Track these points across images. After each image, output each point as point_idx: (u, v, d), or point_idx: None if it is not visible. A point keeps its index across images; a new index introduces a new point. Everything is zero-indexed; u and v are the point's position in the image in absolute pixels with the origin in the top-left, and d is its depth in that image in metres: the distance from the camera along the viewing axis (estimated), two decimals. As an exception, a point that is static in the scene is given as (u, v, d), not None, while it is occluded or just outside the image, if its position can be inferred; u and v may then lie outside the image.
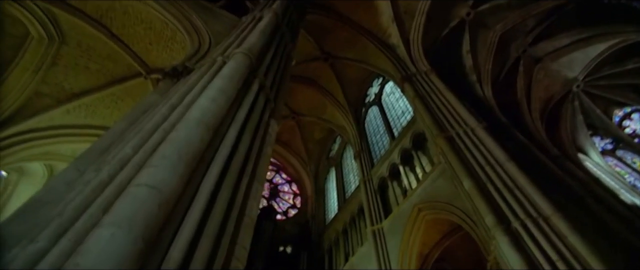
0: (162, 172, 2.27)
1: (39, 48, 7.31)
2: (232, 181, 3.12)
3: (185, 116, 2.99)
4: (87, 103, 8.19)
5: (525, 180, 7.05)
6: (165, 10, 6.65)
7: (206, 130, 2.91)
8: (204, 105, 3.14)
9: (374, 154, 14.42)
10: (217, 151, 3.10)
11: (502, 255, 6.20)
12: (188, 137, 2.67)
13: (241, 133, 3.73)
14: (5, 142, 7.44)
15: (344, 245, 13.23)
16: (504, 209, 6.72)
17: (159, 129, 2.93)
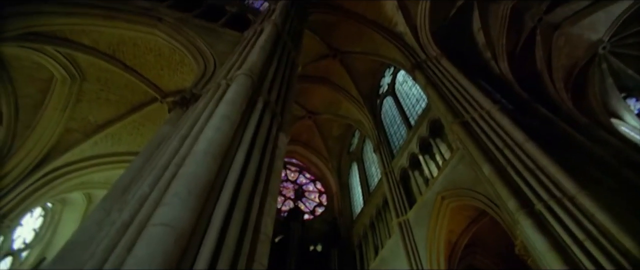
0: (174, 210, 2.49)
1: (64, 88, 7.90)
2: (243, 203, 3.32)
3: (193, 149, 3.22)
4: (112, 132, 8.75)
5: (546, 160, 6.86)
6: (171, 38, 6.98)
7: (213, 160, 3.11)
8: (209, 136, 3.35)
9: (393, 145, 14.36)
10: (227, 177, 3.31)
11: (528, 239, 6.12)
12: (196, 171, 2.89)
13: (249, 154, 3.92)
14: (46, 177, 8.13)
15: (372, 239, 13.34)
16: (526, 191, 6.59)
17: (171, 164, 3.17)
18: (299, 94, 19.10)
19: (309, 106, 20.13)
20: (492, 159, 7.63)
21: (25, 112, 8.11)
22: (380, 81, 17.71)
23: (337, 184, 19.81)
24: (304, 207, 18.53)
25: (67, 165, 8.43)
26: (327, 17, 15.53)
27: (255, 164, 3.94)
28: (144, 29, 6.97)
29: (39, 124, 7.97)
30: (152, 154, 3.93)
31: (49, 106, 8.02)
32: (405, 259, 10.01)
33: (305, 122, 20.56)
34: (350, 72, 17.76)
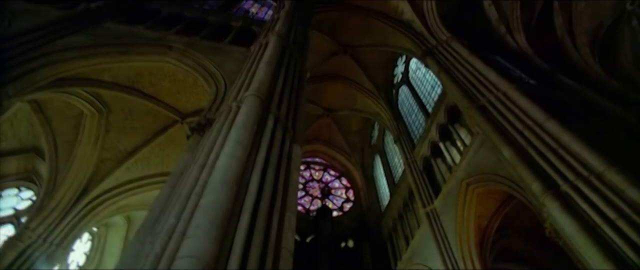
0: (198, 241, 2.74)
1: (93, 122, 8.54)
2: (262, 224, 3.53)
3: (210, 178, 3.46)
4: (141, 157, 9.33)
5: (569, 138, 6.63)
6: (181, 63, 7.33)
7: (230, 188, 3.35)
8: (224, 164, 3.58)
9: (413, 135, 14.26)
10: (244, 201, 3.53)
11: (555, 221, 6.00)
12: (215, 201, 3.13)
13: (264, 173, 4.13)
14: (89, 206, 8.84)
15: (402, 231, 13.37)
16: (550, 173, 6.43)
17: (193, 194, 3.43)
18: (314, 93, 19.29)
19: (325, 104, 20.27)
20: (512, 142, 7.48)
21: (63, 147, 8.83)
22: (393, 71, 17.54)
23: (362, 178, 19.89)
24: (332, 205, 18.76)
25: (105, 193, 9.12)
26: (332, 15, 15.56)
27: (271, 181, 4.13)
28: (157, 58, 7.36)
29: (76, 157, 8.67)
30: (176, 183, 4.23)
31: (83, 140, 8.69)
32: (436, 248, 10.00)
33: (324, 120, 20.73)
34: (362, 66, 17.69)
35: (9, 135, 8.81)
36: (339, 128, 21.19)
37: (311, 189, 19.82)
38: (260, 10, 14.19)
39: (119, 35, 7.26)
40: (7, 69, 5.26)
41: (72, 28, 6.78)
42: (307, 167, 21.30)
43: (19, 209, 9.63)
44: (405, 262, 12.22)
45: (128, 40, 7.16)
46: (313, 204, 18.81)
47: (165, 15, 9.43)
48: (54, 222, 8.34)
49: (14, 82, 5.30)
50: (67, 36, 6.56)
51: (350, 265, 13.41)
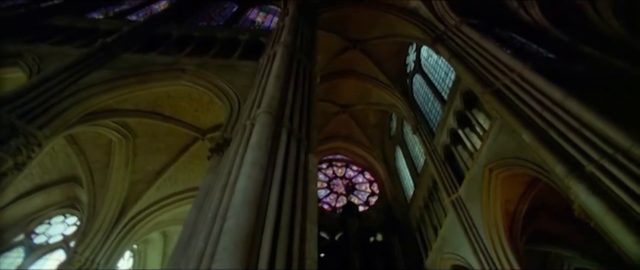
0: (225, 263, 2.97)
1: (122, 148, 9.11)
2: (285, 238, 3.71)
3: (231, 201, 3.69)
4: (168, 176, 9.85)
5: (591, 115, 6.44)
6: (195, 84, 7.67)
7: (250, 209, 3.56)
8: (243, 186, 3.80)
9: (431, 123, 14.12)
10: (265, 219, 3.73)
11: (583, 203, 5.87)
12: (238, 224, 3.35)
13: (283, 187, 4.32)
14: (127, 226, 9.47)
15: (430, 220, 13.33)
16: (573, 154, 6.28)
17: (217, 217, 3.67)
18: (328, 92, 19.40)
19: (340, 101, 20.33)
20: (531, 125, 7.33)
21: (98, 174, 9.47)
22: (405, 60, 17.35)
23: (385, 171, 19.88)
24: (357, 200, 18.90)
25: (140, 213, 9.72)
26: (337, 12, 15.55)
27: (290, 196, 4.31)
28: (172, 82, 7.72)
29: (110, 182, 9.30)
30: (202, 204, 4.50)
31: (114, 165, 9.29)
32: (464, 236, 9.95)
33: (341, 116, 20.81)
34: (373, 59, 17.61)
35: (50, 168, 9.59)
36: (357, 123, 21.21)
37: (335, 187, 20.02)
38: (265, 18, 14.39)
39: (135, 64, 7.66)
40: (43, 113, 5.73)
41: (93, 64, 7.23)
42: (330, 165, 21.50)
43: (67, 234, 10.45)
44: (435, 251, 12.22)
45: (145, 68, 7.54)
46: (338, 201, 19.00)
47: (175, 37, 9.82)
48: (99, 244, 8.99)
49: (49, 123, 5.77)
50: (90, 73, 7.01)
51: (381, 259, 13.50)
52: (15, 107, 5.45)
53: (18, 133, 5.24)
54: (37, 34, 9.06)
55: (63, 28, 9.69)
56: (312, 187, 4.96)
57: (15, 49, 7.83)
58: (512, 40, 12.56)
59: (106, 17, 11.97)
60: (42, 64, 7.41)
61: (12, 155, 5.18)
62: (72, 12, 11.72)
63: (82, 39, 9.30)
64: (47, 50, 8.02)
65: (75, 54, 7.69)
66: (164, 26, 10.40)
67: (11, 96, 5.58)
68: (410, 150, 17.11)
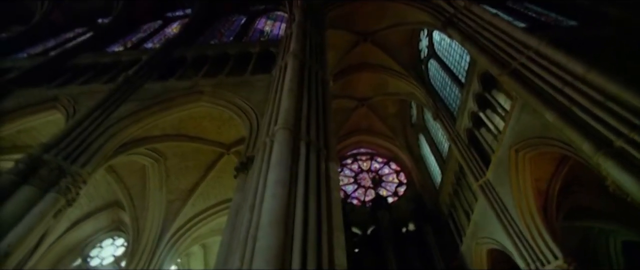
0: (260, 282, 3.24)
1: (155, 171, 9.74)
2: (313, 249, 3.92)
3: (260, 220, 3.95)
4: (201, 192, 10.41)
5: (617, 87, 6.19)
6: (214, 104, 8.05)
7: (278, 228, 3.80)
8: (269, 206, 4.05)
9: (451, 108, 13.89)
10: (293, 233, 3.97)
11: (615, 180, 5.70)
12: (268, 244, 3.60)
13: (306, 200, 4.52)
14: (169, 243, 10.13)
15: (461, 206, 13.20)
16: (600, 129, 6.07)
17: (249, 237, 3.94)
18: (344, 87, 19.44)
19: (357, 94, 20.32)
20: (552, 103, 7.11)
21: (137, 197, 10.17)
22: (418, 46, 17.08)
23: (410, 159, 19.75)
24: (386, 192, 18.94)
25: (179, 229, 10.35)
26: (343, 9, 15.54)
27: (314, 206, 4.52)
28: (193, 105, 8.14)
29: (149, 204, 9.96)
30: (234, 223, 4.81)
31: (150, 188, 9.94)
32: (497, 220, 9.83)
33: (360, 110, 20.81)
34: (385, 49, 17.44)
35: (95, 196, 10.39)
36: (377, 115, 21.15)
37: (362, 181, 20.14)
38: (273, 26, 14.63)
39: (158, 93, 8.13)
40: (83, 151, 6.27)
41: (120, 98, 7.76)
42: (354, 159, 21.63)
43: (117, 255, 11.33)
44: (469, 237, 12.12)
45: (166, 95, 8.00)
46: (367, 194, 19.12)
47: (190, 60, 10.27)
48: (146, 261, 9.68)
49: (90, 160, 6.31)
50: (118, 107, 7.54)
51: (415, 248, 13.53)
52: (60, 150, 6.00)
53: (66, 174, 5.78)
54: (68, 75, 9.77)
55: (89, 66, 10.38)
56: (335, 195, 5.14)
57: (51, 93, 8.53)
58: (527, 12, 12.11)
59: (125, 48, 12.64)
60: (76, 104, 8.03)
61: (64, 194, 5.73)
62: (95, 48, 12.50)
63: (107, 74, 9.94)
64: (78, 90, 8.67)
65: (104, 90, 8.28)
66: (178, 50, 10.88)
67: (56, 140, 6.14)
68: (434, 137, 16.91)
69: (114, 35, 14.05)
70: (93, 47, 12.42)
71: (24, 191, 5.25)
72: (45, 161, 5.69)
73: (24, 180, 5.39)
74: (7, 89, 8.53)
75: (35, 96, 8.45)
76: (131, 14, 16.19)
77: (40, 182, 5.51)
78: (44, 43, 13.99)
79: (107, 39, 13.57)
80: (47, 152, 5.88)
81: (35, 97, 8.42)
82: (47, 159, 5.74)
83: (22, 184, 5.35)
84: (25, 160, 5.57)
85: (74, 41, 14.08)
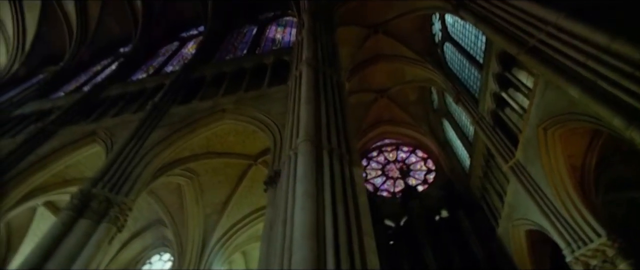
0: (300, 293, 3.49)
1: (190, 188, 10.34)
2: (346, 256, 4.16)
3: (293, 235, 4.20)
4: (234, 203, 10.92)
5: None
6: (237, 120, 8.45)
7: (310, 240, 4.04)
8: (300, 220, 4.29)
9: (472, 90, 13.58)
10: (325, 244, 4.20)
11: (653, 153, 5.49)
12: (303, 256, 3.85)
13: (335, 209, 4.73)
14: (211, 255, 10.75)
15: (492, 188, 12.97)
16: (631, 102, 5.80)
17: (285, 250, 4.21)
18: (361, 81, 19.40)
19: (375, 86, 20.21)
20: (577, 78, 6.84)
21: (176, 214, 10.83)
22: (431, 31, 16.74)
23: (436, 145, 19.49)
24: (415, 180, 18.84)
25: (219, 240, 10.94)
26: (351, 4, 15.52)
27: (343, 214, 4.72)
28: (217, 123, 8.57)
29: (188, 220, 10.59)
30: (269, 237, 5.11)
31: (188, 205, 10.57)
32: (531, 200, 9.62)
33: (380, 102, 20.69)
34: (398, 38, 17.24)
35: (139, 217, 11.17)
36: (397, 104, 20.95)
37: (390, 172, 20.12)
38: (284, 33, 14.86)
39: (183, 116, 8.61)
40: (125, 181, 6.80)
41: (150, 126, 8.30)
42: (380, 151, 21.61)
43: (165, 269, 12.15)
44: (505, 220, 11.91)
45: (192, 118, 8.46)
46: (396, 185, 19.11)
47: (209, 79, 10.72)
48: (194, 274, 10.38)
49: (132, 188, 6.85)
50: (150, 134, 8.07)
51: (450, 235, 13.45)
52: (105, 183, 6.56)
53: (113, 204, 6.33)
54: (101, 108, 10.50)
55: (118, 96, 11.09)
56: (362, 200, 5.31)
57: (89, 127, 9.25)
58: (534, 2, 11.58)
59: (148, 74, 13.33)
60: (112, 135, 8.67)
61: (114, 223, 6.28)
62: (121, 77, 13.30)
63: (136, 102, 10.60)
64: (112, 122, 9.33)
65: (135, 120, 8.88)
66: (197, 70, 11.37)
67: (100, 174, 6.71)
68: (458, 120, 16.60)
69: (137, 63, 14.83)
70: (119, 77, 13.21)
71: (81, 225, 5.82)
72: (95, 195, 6.24)
73: (79, 214, 5.96)
74: (52, 130, 9.32)
75: (76, 133, 9.19)
76: (149, 39, 17.00)
77: (93, 214, 6.07)
78: (76, 79, 15.03)
79: (131, 67, 14.35)
80: (94, 186, 6.44)
81: (76, 133, 9.16)
82: (96, 192, 6.29)
83: (78, 218, 5.92)
84: (78, 196, 6.15)
85: (101, 73, 15.01)
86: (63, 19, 17.42)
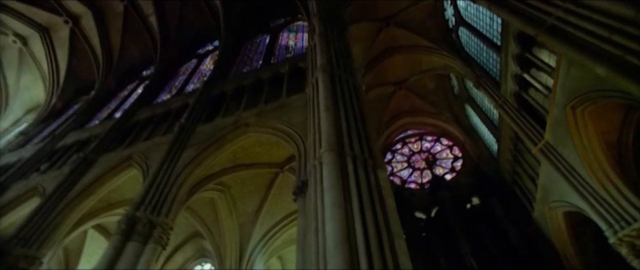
0: (338, 301, 3.69)
1: (222, 201, 10.85)
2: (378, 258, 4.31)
3: (326, 245, 4.40)
4: (266, 210, 11.31)
5: (674, 23, 5.63)
6: (260, 132, 8.73)
7: (343, 248, 4.22)
8: (331, 230, 4.48)
9: (493, 74, 13.24)
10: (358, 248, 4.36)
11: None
12: (337, 264, 4.05)
13: (363, 215, 4.89)
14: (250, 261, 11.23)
15: (524, 172, 12.64)
16: (662, 75, 5.59)
17: (320, 260, 4.42)
18: (378, 75, 19.33)
19: (392, 79, 20.08)
20: (602, 55, 6.60)
21: (212, 226, 11.37)
22: (444, 16, 16.42)
23: (460, 131, 19.13)
24: (442, 169, 18.60)
25: (255, 247, 11.38)
26: (358, 1, 15.50)
27: (371, 219, 4.86)
28: (242, 137, 8.91)
29: (224, 231, 11.10)
30: (303, 246, 5.33)
31: (222, 216, 11.11)
32: (565, 182, 9.33)
33: (399, 93, 20.54)
34: (410, 28, 17.06)
35: (178, 232, 11.79)
36: (416, 94, 20.71)
37: (416, 163, 19.96)
38: (296, 38, 15.06)
39: (209, 134, 9.02)
40: (164, 203, 7.26)
41: (180, 147, 8.76)
42: (403, 143, 21.47)
43: (207, 279, 12.81)
44: (540, 202, 11.59)
45: (217, 135, 8.85)
46: (424, 176, 18.94)
47: (230, 93, 11.10)
48: (239, 281, 10.89)
49: (171, 209, 7.31)
50: (181, 155, 8.52)
51: (484, 222, 13.22)
52: (146, 206, 7.03)
53: (156, 225, 6.79)
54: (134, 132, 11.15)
55: (147, 120, 11.73)
56: (389, 202, 5.41)
57: (125, 153, 9.88)
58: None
59: (172, 95, 13.94)
60: (147, 159, 9.21)
61: (158, 242, 6.75)
62: (147, 100, 13.99)
63: (164, 123, 11.17)
64: (144, 146, 9.91)
65: (165, 142, 9.39)
66: (217, 86, 11.79)
67: (141, 198, 7.20)
68: (480, 105, 16.23)
69: (160, 84, 15.55)
70: (145, 99, 13.93)
71: (130, 247, 6.30)
72: (139, 218, 6.72)
73: (127, 237, 6.45)
74: (92, 159, 10.03)
75: (113, 159, 9.85)
76: (168, 60, 17.76)
77: (139, 236, 6.54)
78: (107, 106, 15.97)
79: (155, 89, 15.06)
80: (137, 210, 6.92)
81: (114, 160, 9.81)
82: (140, 216, 6.77)
83: (127, 241, 6.41)
84: (124, 221, 6.64)
85: (129, 98, 15.86)
86: (90, 52, 18.54)
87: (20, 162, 11.97)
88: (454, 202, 14.83)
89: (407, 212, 15.10)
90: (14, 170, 11.42)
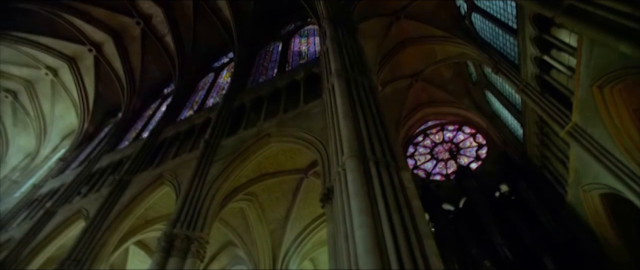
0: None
1: (251, 209, 11.20)
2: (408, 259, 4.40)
3: (357, 252, 4.54)
4: (294, 215, 11.60)
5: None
6: (281, 141, 8.96)
7: (373, 254, 4.35)
8: (360, 236, 4.61)
9: (511, 58, 12.91)
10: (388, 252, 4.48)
11: None
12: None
13: (390, 218, 4.99)
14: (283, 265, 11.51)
15: (553, 155, 12.28)
16: (692, 48, 5.35)
17: (352, 266, 4.57)
18: (393, 69, 19.19)
19: (408, 72, 19.85)
20: (625, 32, 6.38)
21: (244, 235, 11.77)
22: (456, 4, 16.09)
23: (483, 118, 18.71)
24: (467, 159, 18.29)
25: (288, 252, 11.70)
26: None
27: (399, 221, 4.95)
28: (265, 147, 9.19)
29: (256, 238, 11.47)
30: (334, 252, 5.48)
31: (252, 225, 11.48)
32: (598, 164, 9.02)
33: (416, 86, 20.30)
34: (421, 19, 16.83)
35: (212, 242, 12.22)
36: (434, 84, 20.40)
37: (439, 154, 19.71)
38: (308, 43, 15.22)
39: (234, 147, 9.35)
40: (197, 218, 7.62)
41: (207, 163, 9.15)
42: (425, 135, 21.25)
43: (243, 285, 13.25)
44: (573, 186, 11.22)
45: (241, 147, 9.18)
46: (448, 166, 18.69)
47: (249, 105, 11.42)
48: (275, 285, 11.24)
49: (204, 223, 7.67)
50: (208, 171, 8.90)
51: (515, 210, 12.93)
52: (182, 223, 7.42)
53: (193, 240, 7.15)
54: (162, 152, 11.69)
55: (174, 138, 12.25)
56: (415, 204, 5.48)
57: (156, 172, 10.40)
58: None
59: (194, 111, 14.46)
60: (177, 176, 9.67)
61: (196, 256, 7.11)
62: (170, 117, 14.58)
63: (189, 139, 11.65)
64: (173, 163, 10.39)
65: (192, 158, 9.81)
66: (236, 99, 12.15)
67: (177, 215, 7.60)
68: (501, 90, 15.83)
69: (182, 101, 16.15)
70: (169, 117, 14.53)
71: (171, 263, 6.69)
72: (176, 235, 7.10)
73: (168, 254, 6.85)
74: (127, 180, 10.63)
75: (146, 179, 10.39)
76: (187, 76, 18.40)
77: (178, 252, 6.92)
78: (134, 127, 16.76)
79: (177, 106, 15.66)
80: (174, 226, 7.31)
81: (146, 180, 10.35)
82: (177, 232, 7.15)
83: (167, 257, 6.80)
84: (163, 238, 7.04)
85: (154, 117, 16.57)
86: (113, 76, 19.51)
87: (64, 187, 12.83)
88: (482, 190, 14.57)
89: (435, 204, 14.97)
90: (59, 195, 12.24)
